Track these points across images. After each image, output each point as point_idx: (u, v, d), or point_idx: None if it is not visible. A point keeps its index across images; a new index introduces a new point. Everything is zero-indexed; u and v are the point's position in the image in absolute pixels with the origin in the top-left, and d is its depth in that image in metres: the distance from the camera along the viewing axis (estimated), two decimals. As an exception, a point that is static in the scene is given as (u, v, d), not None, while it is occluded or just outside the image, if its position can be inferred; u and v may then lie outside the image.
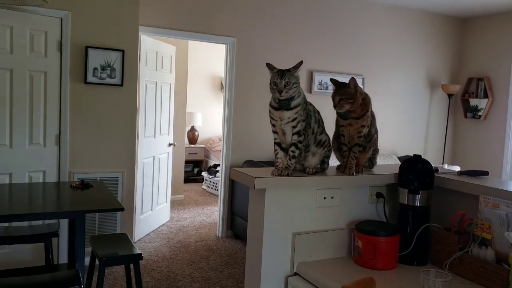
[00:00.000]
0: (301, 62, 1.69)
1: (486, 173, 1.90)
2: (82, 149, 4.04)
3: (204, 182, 7.75)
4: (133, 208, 4.47)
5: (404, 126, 6.12)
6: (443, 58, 6.27)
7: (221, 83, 8.55)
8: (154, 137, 5.09)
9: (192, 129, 8.42)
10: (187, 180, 8.17)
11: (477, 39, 6.15)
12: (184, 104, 6.78)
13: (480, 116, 6.07)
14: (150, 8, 4.56)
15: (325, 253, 1.80)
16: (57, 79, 3.89)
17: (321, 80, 5.44)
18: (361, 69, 5.70)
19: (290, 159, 1.72)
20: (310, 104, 1.81)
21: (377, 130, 1.95)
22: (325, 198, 1.81)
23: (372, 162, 1.94)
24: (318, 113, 1.84)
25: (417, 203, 1.79)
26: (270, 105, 1.71)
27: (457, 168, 5.55)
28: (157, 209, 5.31)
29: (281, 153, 1.75)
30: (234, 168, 1.80)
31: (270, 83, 1.66)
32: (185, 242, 4.92)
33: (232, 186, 5.08)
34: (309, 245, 1.75)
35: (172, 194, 6.73)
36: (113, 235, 3.09)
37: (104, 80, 4.02)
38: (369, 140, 1.89)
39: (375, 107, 2.03)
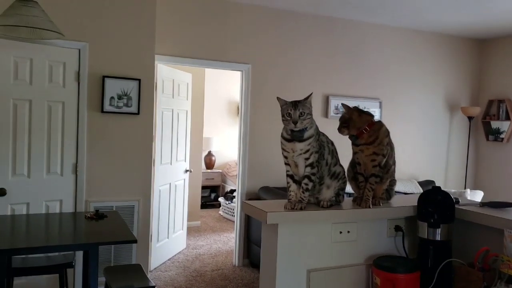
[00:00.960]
0: (311, 94, 1.66)
1: (510, 204, 1.81)
2: (98, 177, 4.05)
3: (221, 208, 7.70)
4: (149, 236, 4.44)
5: (424, 150, 6.00)
6: (462, 80, 6.17)
7: (238, 107, 8.59)
8: (171, 164, 5.09)
9: (209, 154, 8.43)
10: (204, 205, 8.13)
11: (497, 60, 6.04)
12: (201, 130, 6.80)
13: (502, 138, 5.91)
14: (166, 37, 4.62)
15: (342, 290, 1.72)
16: (75, 108, 3.94)
17: (337, 105, 5.40)
18: (378, 93, 5.65)
19: (303, 192, 1.67)
20: (323, 134, 1.77)
21: (395, 162, 1.90)
22: (341, 232, 1.74)
23: (389, 193, 1.87)
24: (332, 143, 1.79)
25: (438, 237, 1.71)
26: (282, 136, 1.68)
27: (480, 194, 5.40)
28: (173, 237, 5.27)
29: (294, 186, 1.70)
30: (246, 201, 1.76)
31: (282, 115, 1.65)
32: (201, 271, 4.85)
33: (248, 213, 5.02)
34: (325, 282, 1.69)
35: (188, 220, 6.69)
36: (127, 266, 3.05)
37: (120, 109, 4.06)
38: (387, 171, 1.83)
39: (393, 131, 1.98)
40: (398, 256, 1.80)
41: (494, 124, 6.08)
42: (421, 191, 5.44)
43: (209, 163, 8.44)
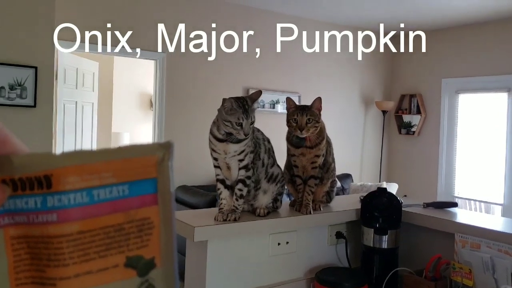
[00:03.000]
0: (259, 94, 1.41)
1: (455, 204, 1.70)
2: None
3: (134, 208, 7.19)
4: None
5: (340, 143, 6.03)
6: (376, 75, 6.31)
7: (150, 101, 8.08)
8: (75, 163, 4.55)
9: (120, 150, 7.83)
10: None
11: (409, 56, 6.26)
12: (109, 124, 6.25)
13: (413, 132, 6.14)
14: (69, 20, 4.07)
15: (281, 311, 1.49)
16: (-48, 99, 3.30)
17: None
18: (297, 87, 5.55)
19: (237, 200, 1.40)
20: (258, 130, 1.51)
21: (334, 159, 1.70)
22: (279, 244, 1.50)
23: (330, 196, 1.67)
24: (268, 141, 1.54)
25: (385, 245, 1.54)
26: (213, 134, 1.39)
27: (395, 186, 5.54)
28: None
29: (225, 192, 1.43)
30: (167, 213, 1.45)
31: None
32: None
33: (165, 214, 4.65)
34: (262, 303, 1.44)
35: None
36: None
37: (13, 101, 3.48)
38: (326, 170, 1.62)
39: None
40: (342, 268, 1.61)
41: (406, 118, 6.30)
42: (339, 185, 5.46)
43: (120, 160, 7.85)
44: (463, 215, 1.62)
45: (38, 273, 0.35)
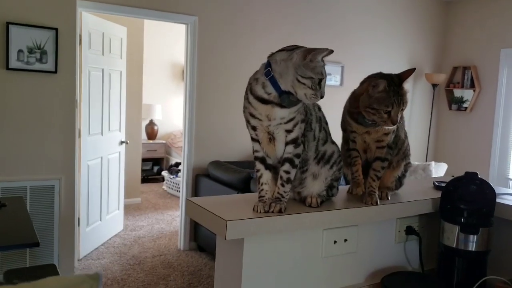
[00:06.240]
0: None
1: None
2: (7, 151, 3.24)
3: (164, 182, 7.00)
4: (75, 220, 3.71)
5: (384, 119, 5.59)
6: (426, 45, 5.76)
7: (183, 72, 7.79)
8: (102, 134, 4.31)
9: (151, 123, 7.62)
10: (145, 180, 7.39)
11: (463, 24, 5.66)
12: (139, 95, 5.99)
13: (465, 108, 5.60)
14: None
15: (336, 327, 1.16)
16: (-30, 64, 3.08)
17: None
18: (340, 57, 5.10)
19: (283, 185, 1.06)
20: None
21: (406, 134, 1.33)
22: (335, 242, 1.16)
23: (400, 181, 1.31)
24: (319, 108, 1.18)
25: (473, 247, 1.18)
26: (254, 94, 1.03)
27: (444, 166, 5.07)
28: (107, 219, 4.55)
29: (266, 176, 1.08)
30: (191, 199, 1.12)
31: (309, 77, 0.99)
32: (140, 258, 4.20)
33: (195, 189, 4.39)
34: (312, 317, 1.11)
35: (127, 197, 5.96)
36: (37, 269, 2.35)
37: (32, 66, 3.23)
38: (398, 150, 1.26)
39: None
40: (413, 273, 1.26)
41: (458, 92, 5.76)
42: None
43: (151, 133, 7.65)
44: None
45: None
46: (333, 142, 1.18)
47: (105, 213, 4.50)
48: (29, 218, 2.18)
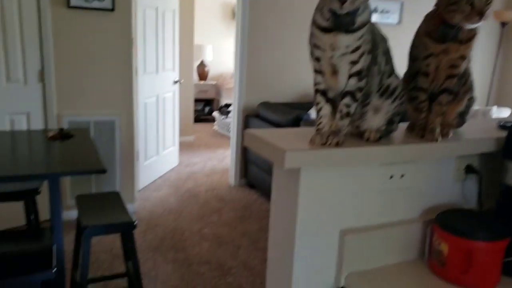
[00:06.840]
0: None
1: None
2: (71, 87, 3.42)
3: (215, 123, 7.15)
4: (135, 154, 3.91)
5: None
6: (495, -21, 5.30)
7: (233, 11, 7.67)
8: (157, 73, 4.41)
9: (202, 64, 7.68)
10: (197, 120, 7.57)
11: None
12: (191, 35, 6.01)
13: (535, 48, 5.21)
14: None
15: (388, 257, 1.19)
16: (34, 1, 3.18)
17: None
18: (399, -8, 4.82)
19: (342, 118, 1.07)
20: (374, 24, 1.12)
21: (471, 70, 1.27)
22: (391, 177, 1.17)
23: (463, 118, 1.27)
24: (386, 40, 1.15)
25: (536, 187, 1.15)
26: (316, 23, 1.02)
27: (507, 111, 4.81)
28: (163, 154, 4.76)
29: (326, 108, 1.09)
30: (250, 131, 1.16)
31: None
32: (194, 191, 4.41)
33: (246, 129, 4.47)
34: (365, 247, 1.15)
35: (181, 135, 6.17)
36: (103, 195, 2.53)
37: (91, 4, 3.30)
38: (464, 82, 1.21)
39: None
40: (470, 211, 1.25)
41: (528, 31, 5.33)
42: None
43: (202, 74, 7.73)
44: None
45: None
46: (396, 76, 1.16)
47: (162, 149, 4.70)
48: (95, 148, 2.33)
